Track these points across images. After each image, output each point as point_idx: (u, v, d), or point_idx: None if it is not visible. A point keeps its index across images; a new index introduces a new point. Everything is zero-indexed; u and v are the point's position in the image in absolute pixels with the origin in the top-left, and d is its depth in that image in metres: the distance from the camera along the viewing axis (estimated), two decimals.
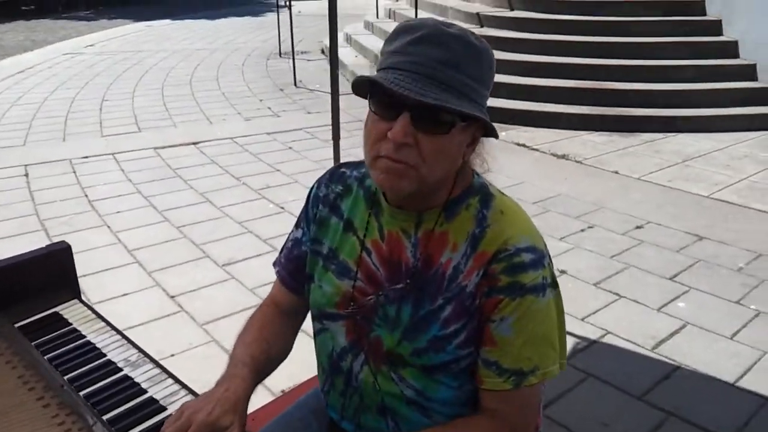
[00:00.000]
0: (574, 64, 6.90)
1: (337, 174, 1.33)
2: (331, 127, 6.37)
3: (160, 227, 4.18)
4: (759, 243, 3.97)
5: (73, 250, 1.64)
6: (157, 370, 1.36)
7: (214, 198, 4.67)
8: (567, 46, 7.15)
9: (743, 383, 2.67)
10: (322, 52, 10.38)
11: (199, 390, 1.27)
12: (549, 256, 1.16)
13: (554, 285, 1.14)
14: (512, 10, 7.95)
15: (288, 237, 1.41)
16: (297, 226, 1.39)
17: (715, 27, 7.36)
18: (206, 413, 1.08)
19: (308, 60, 9.74)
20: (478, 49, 1.06)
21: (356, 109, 6.88)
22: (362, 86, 1.11)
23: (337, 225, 1.28)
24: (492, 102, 1.17)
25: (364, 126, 1.12)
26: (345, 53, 9.45)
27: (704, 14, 7.52)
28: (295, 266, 1.36)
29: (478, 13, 8.04)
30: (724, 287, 3.44)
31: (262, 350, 1.29)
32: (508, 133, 6.15)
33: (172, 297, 3.33)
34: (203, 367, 2.68)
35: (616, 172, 5.24)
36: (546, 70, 6.89)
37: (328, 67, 9.39)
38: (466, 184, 1.20)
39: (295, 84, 8.29)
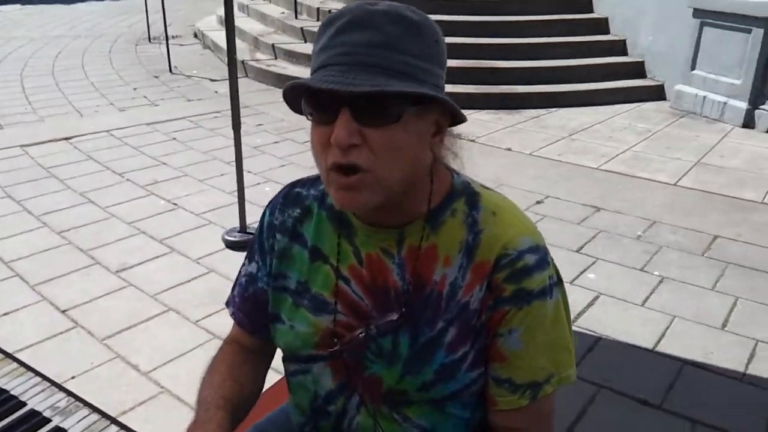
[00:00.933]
0: (457, 43, 6.93)
1: (291, 195, 1.15)
2: (215, 116, 6.15)
3: (39, 234, 3.78)
4: (651, 210, 4.16)
5: None
6: (61, 395, 1.15)
7: (96, 198, 4.29)
8: (448, 25, 7.17)
9: (661, 348, 2.76)
10: (195, 36, 9.91)
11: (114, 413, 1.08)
12: (548, 250, 1.05)
13: (560, 281, 1.05)
14: None
15: (240, 273, 1.23)
16: (249, 259, 1.20)
17: (587, 5, 7.65)
18: None
19: (181, 45, 9.24)
20: (414, 23, 0.91)
21: (246, 95, 6.61)
22: (293, 96, 0.95)
23: (301, 254, 1.11)
24: None
25: (310, 142, 0.96)
26: (221, 36, 9.03)
27: None
28: (253, 306, 1.19)
29: None
30: (628, 256, 3.56)
31: (234, 391, 1.12)
32: None
33: (64, 311, 3.00)
34: (110, 388, 2.43)
35: (509, 149, 5.33)
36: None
37: (204, 52, 9.12)
38: (447, 187, 1.05)
39: (170, 70, 7.83)
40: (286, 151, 5.23)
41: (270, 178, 4.65)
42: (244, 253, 1.23)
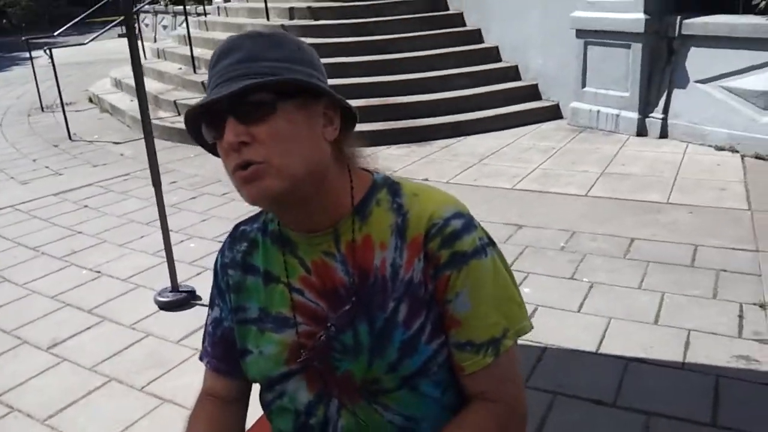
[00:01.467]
0: (360, 83, 7.09)
1: (237, 234, 1.24)
2: (124, 178, 5.99)
3: None
4: (569, 222, 4.36)
5: None
6: None
7: (11, 275, 4.07)
8: (351, 66, 7.34)
9: (603, 349, 2.88)
10: (90, 100, 9.65)
11: None
12: (473, 217, 1.13)
13: (491, 243, 1.13)
14: None
15: (206, 323, 1.28)
16: (211, 306, 1.27)
17: (477, 35, 8.01)
18: None
19: (77, 111, 8.96)
20: (274, 35, 1.04)
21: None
22: (192, 126, 1.07)
23: (256, 283, 1.18)
24: None
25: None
26: (118, 98, 8.87)
27: (465, 25, 8.15)
28: (224, 348, 1.23)
29: None
30: (556, 267, 3.71)
31: None
32: None
33: None
34: None
35: (427, 179, 5.46)
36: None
37: (102, 116, 8.91)
38: (368, 183, 1.14)
39: (70, 137, 7.57)
40: (204, 205, 5.16)
41: (193, 234, 4.56)
42: (180, 312, 1.27)
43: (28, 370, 3.03)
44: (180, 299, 3.57)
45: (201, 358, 1.29)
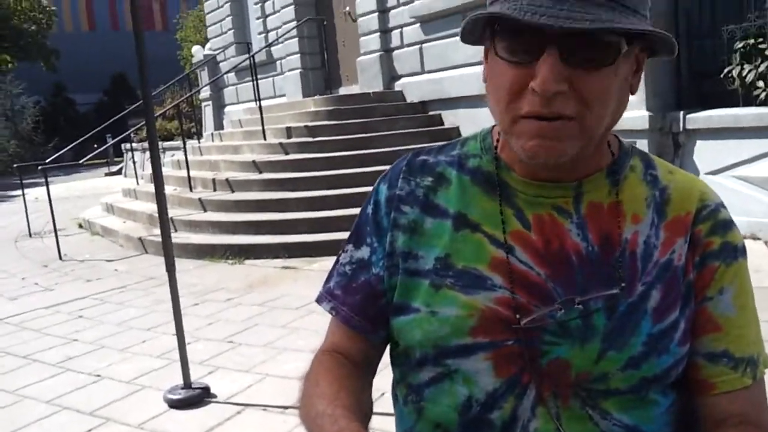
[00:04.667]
0: (351, 194, 6.97)
1: (417, 164, 0.97)
2: (120, 291, 5.68)
3: None
4: None
5: None
6: None
7: (1, 383, 3.68)
8: (346, 178, 7.28)
9: None
10: (80, 226, 9.45)
11: None
12: None
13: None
14: (287, 154, 8.00)
15: (338, 262, 1.00)
16: (356, 244, 0.98)
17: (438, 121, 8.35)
18: None
19: (67, 235, 8.73)
20: None
21: (144, 269, 6.29)
22: (475, 29, 0.83)
23: (441, 226, 0.91)
24: (293, 238, 0.91)
25: (489, 81, 0.83)
26: (110, 221, 8.70)
27: (443, 124, 8.36)
28: (363, 298, 0.95)
29: (254, 161, 7.95)
30: None
31: (353, 403, 0.86)
32: (318, 264, 5.90)
33: None
34: None
35: None
36: (331, 202, 6.86)
37: (93, 238, 8.69)
38: (617, 146, 0.93)
39: (60, 257, 7.29)
40: (209, 310, 4.86)
41: (200, 337, 4.23)
42: (193, 410, 0.99)
43: None
44: (193, 396, 3.20)
45: (320, 301, 1.00)
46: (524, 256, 0.87)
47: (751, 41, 5.39)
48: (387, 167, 1.01)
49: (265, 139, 8.59)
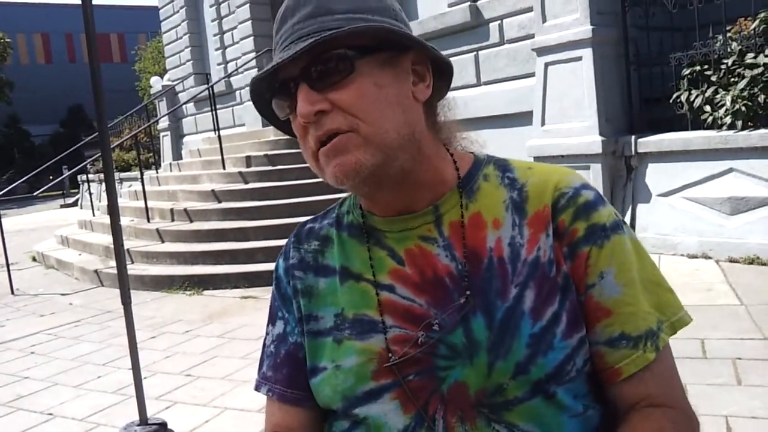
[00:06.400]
0: None
1: (304, 233, 1.04)
2: (75, 325, 5.53)
3: None
4: None
5: None
6: None
7: None
8: (310, 206, 7.27)
9: None
10: (34, 259, 9.23)
11: None
12: None
13: (624, 221, 0.93)
14: (247, 183, 7.96)
15: (264, 345, 1.04)
16: (271, 322, 1.03)
17: None
18: None
19: (19, 269, 8.50)
20: None
21: (100, 303, 6.17)
22: (259, 101, 0.92)
23: (331, 284, 0.96)
24: (253, 267, 0.95)
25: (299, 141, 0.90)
26: (65, 254, 8.50)
27: None
28: (291, 370, 0.98)
29: (213, 190, 7.88)
30: None
31: None
32: None
33: None
34: None
35: None
36: (291, 230, 6.83)
37: (48, 271, 8.49)
38: (469, 159, 0.96)
39: (13, 292, 7.09)
40: (165, 343, 4.76)
41: (157, 371, 4.14)
42: None
43: None
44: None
45: (258, 388, 1.02)
46: (404, 291, 0.90)
47: (698, 68, 5.58)
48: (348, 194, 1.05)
49: (224, 168, 8.55)
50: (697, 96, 5.50)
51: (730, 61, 5.34)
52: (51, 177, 12.39)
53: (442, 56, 0.90)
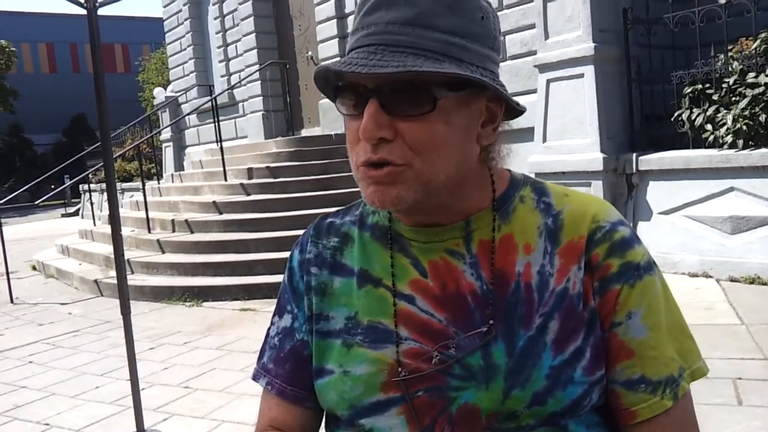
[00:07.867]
0: None
1: (324, 227, 1.01)
2: (74, 335, 5.51)
3: None
4: None
5: None
6: None
7: None
8: (302, 219, 7.26)
9: None
10: (34, 268, 9.22)
11: None
12: None
13: (655, 263, 0.92)
14: (248, 195, 7.97)
15: (267, 336, 1.02)
16: (280, 314, 1.01)
17: None
18: None
19: (19, 278, 8.50)
20: None
21: (99, 313, 6.14)
22: (326, 86, 0.88)
23: (347, 285, 0.94)
24: (253, 279, 0.95)
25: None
26: (65, 263, 8.50)
27: None
28: (294, 367, 0.97)
29: (214, 202, 7.89)
30: None
31: None
32: None
33: None
34: None
35: None
36: (291, 243, 6.83)
37: (48, 281, 8.48)
38: (506, 178, 0.94)
39: (12, 301, 7.08)
40: (164, 354, 4.75)
41: (155, 382, 4.12)
42: None
43: None
44: None
45: (256, 378, 1.00)
46: (424, 303, 0.88)
47: (699, 86, 5.60)
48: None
49: (226, 179, 8.55)
50: (698, 114, 5.52)
51: (731, 81, 5.36)
52: (53, 186, 12.45)
53: (517, 103, 0.87)
